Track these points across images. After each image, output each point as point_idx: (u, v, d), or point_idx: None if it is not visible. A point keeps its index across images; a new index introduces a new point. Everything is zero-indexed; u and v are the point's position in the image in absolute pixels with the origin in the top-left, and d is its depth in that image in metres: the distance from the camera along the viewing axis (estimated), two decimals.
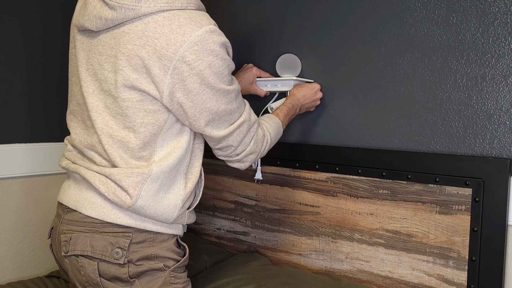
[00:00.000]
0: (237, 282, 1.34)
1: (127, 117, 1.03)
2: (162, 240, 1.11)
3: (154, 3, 0.97)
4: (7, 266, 1.55)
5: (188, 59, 0.96)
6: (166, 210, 1.08)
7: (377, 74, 1.39)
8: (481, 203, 1.21)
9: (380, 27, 1.38)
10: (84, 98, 1.07)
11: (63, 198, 1.14)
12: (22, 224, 1.58)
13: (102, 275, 1.07)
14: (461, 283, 1.25)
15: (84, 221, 1.08)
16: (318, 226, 1.50)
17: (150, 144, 1.05)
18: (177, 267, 1.12)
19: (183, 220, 1.14)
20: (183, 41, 0.96)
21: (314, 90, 1.44)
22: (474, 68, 1.24)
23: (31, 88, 1.58)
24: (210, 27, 0.99)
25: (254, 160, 1.19)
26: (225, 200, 1.72)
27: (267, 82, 1.50)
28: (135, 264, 1.07)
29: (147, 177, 1.04)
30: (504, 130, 1.21)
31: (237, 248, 1.69)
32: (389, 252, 1.36)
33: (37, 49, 1.59)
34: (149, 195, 1.05)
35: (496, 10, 1.20)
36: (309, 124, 1.55)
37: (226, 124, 1.08)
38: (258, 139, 1.16)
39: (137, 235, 1.08)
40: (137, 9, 0.97)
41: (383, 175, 1.36)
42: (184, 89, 0.99)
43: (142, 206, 1.05)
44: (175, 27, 0.96)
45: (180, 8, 0.99)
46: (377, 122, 1.40)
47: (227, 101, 1.05)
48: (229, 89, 1.04)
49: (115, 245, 1.06)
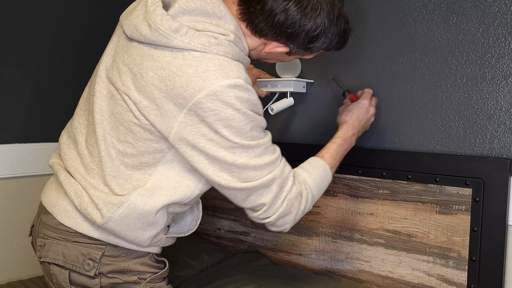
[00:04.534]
0: (237, 282, 1.34)
1: (130, 133, 0.99)
2: (136, 256, 1.06)
3: (189, 40, 0.92)
4: (6, 266, 1.55)
5: (204, 106, 0.91)
6: (140, 238, 1.03)
7: (377, 74, 1.40)
8: (481, 203, 1.21)
9: (380, 27, 1.38)
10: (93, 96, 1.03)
11: (43, 197, 1.11)
12: (22, 224, 1.58)
13: (73, 284, 1.04)
14: (461, 283, 1.25)
15: (58, 228, 1.04)
16: (318, 226, 1.50)
17: (148, 165, 1.00)
18: (154, 278, 1.07)
19: (158, 244, 1.08)
20: (203, 87, 0.90)
21: (365, 108, 1.25)
22: (474, 68, 1.24)
23: (21, 88, 1.58)
24: (237, 81, 0.92)
25: (293, 221, 1.06)
26: (226, 200, 1.72)
27: (267, 82, 1.50)
28: (107, 276, 1.04)
29: (126, 203, 0.99)
30: (504, 130, 1.21)
31: (237, 248, 1.69)
32: (389, 252, 1.36)
33: (37, 49, 1.59)
34: (122, 221, 0.99)
35: (496, 10, 1.20)
36: (309, 124, 1.55)
37: (247, 178, 0.98)
38: (292, 198, 1.03)
39: (110, 248, 1.04)
40: (170, 39, 0.92)
41: (383, 175, 1.36)
42: (196, 133, 0.94)
43: (113, 228, 1.00)
44: (200, 70, 0.91)
45: (215, 53, 0.93)
46: (377, 122, 1.40)
47: (247, 156, 0.96)
48: (250, 144, 0.96)
49: (87, 256, 1.03)
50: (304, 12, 0.97)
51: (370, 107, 1.26)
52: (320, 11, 0.98)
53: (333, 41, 1.04)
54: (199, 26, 0.95)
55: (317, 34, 1.00)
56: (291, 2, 0.95)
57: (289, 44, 1.02)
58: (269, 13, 0.97)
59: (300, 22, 0.97)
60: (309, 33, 1.00)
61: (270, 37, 1.01)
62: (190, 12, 0.95)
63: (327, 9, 0.99)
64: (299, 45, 1.03)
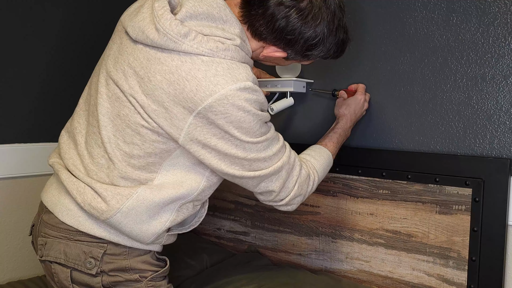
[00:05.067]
0: (237, 282, 1.34)
1: (138, 135, 0.99)
2: (137, 254, 1.07)
3: (197, 45, 0.93)
4: (6, 266, 1.55)
5: (215, 110, 0.93)
6: (144, 233, 1.04)
7: (377, 74, 1.40)
8: (481, 203, 1.21)
9: (380, 27, 1.38)
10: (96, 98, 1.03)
11: (43, 196, 1.11)
12: (22, 224, 1.58)
13: (75, 282, 1.05)
14: (461, 283, 1.25)
15: (60, 227, 1.05)
16: (318, 226, 1.50)
17: (154, 164, 1.02)
18: (155, 277, 1.08)
19: (160, 242, 1.09)
20: (213, 92, 0.92)
21: (360, 103, 1.35)
22: (474, 68, 1.24)
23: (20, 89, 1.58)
24: (246, 83, 0.95)
25: (301, 201, 1.15)
26: (225, 200, 1.72)
27: (267, 82, 1.50)
28: (109, 274, 1.05)
29: (135, 194, 1.01)
30: (504, 130, 1.21)
31: (237, 248, 1.69)
32: (389, 252, 1.36)
33: (37, 49, 1.59)
34: (130, 214, 1.01)
35: (496, 10, 1.20)
36: (309, 125, 1.55)
37: (257, 168, 1.03)
38: (303, 181, 1.11)
39: (112, 247, 1.05)
40: (178, 44, 0.93)
41: (383, 175, 1.36)
42: (207, 133, 0.96)
43: (119, 222, 1.01)
44: (210, 75, 0.93)
45: (222, 57, 0.95)
46: (377, 122, 1.40)
47: (257, 150, 1.00)
48: (259, 140, 1.00)
49: (88, 254, 1.04)
50: (305, 20, 0.99)
51: (365, 102, 1.37)
52: (320, 21, 1.00)
53: (330, 50, 1.07)
54: (206, 31, 0.96)
55: (316, 43, 1.03)
56: (293, 10, 0.97)
57: (287, 49, 1.05)
58: (270, 18, 0.98)
59: (300, 30, 1.00)
60: (308, 41, 1.02)
61: (269, 41, 1.03)
62: (197, 17, 0.97)
63: (327, 19, 1.01)
64: (297, 52, 1.05)
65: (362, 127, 1.43)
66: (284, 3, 0.97)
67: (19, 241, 1.58)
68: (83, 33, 1.71)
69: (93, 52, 1.40)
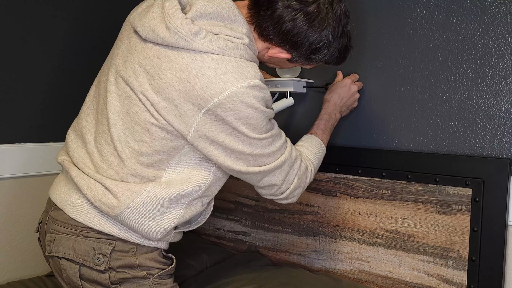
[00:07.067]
0: (237, 282, 1.34)
1: (147, 133, 1.01)
2: (145, 251, 1.09)
3: (208, 43, 0.95)
4: (6, 265, 1.55)
5: (225, 107, 0.95)
6: (153, 229, 1.06)
7: (377, 74, 1.40)
8: (481, 203, 1.21)
9: (380, 27, 1.38)
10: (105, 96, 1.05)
11: (52, 193, 1.13)
12: (22, 224, 1.58)
13: (83, 278, 1.06)
14: (461, 283, 1.25)
15: (69, 223, 1.07)
16: (318, 226, 1.50)
17: (162, 161, 1.04)
18: (162, 274, 1.10)
19: (167, 239, 1.12)
20: (223, 89, 0.95)
21: (347, 86, 1.36)
22: (474, 68, 1.24)
23: (25, 89, 1.58)
24: (254, 81, 0.97)
25: (301, 192, 1.18)
26: (225, 200, 1.73)
27: (267, 82, 1.49)
28: (117, 271, 1.06)
29: (145, 190, 1.03)
30: (504, 130, 1.21)
31: (237, 248, 1.69)
32: (389, 252, 1.36)
33: (42, 49, 1.59)
34: (140, 209, 1.03)
35: (496, 10, 1.20)
36: (309, 125, 1.54)
37: (261, 163, 1.06)
38: (302, 173, 1.15)
39: (120, 243, 1.06)
40: (189, 42, 0.95)
41: (383, 175, 1.36)
42: (215, 129, 0.98)
43: (130, 217, 1.03)
44: (220, 73, 0.95)
45: (232, 56, 0.97)
46: (377, 122, 1.40)
47: (262, 146, 1.03)
48: (265, 136, 1.03)
49: (97, 250, 1.05)
50: (312, 24, 1.01)
51: (352, 85, 1.36)
52: (326, 25, 1.03)
53: (333, 56, 1.10)
54: (216, 30, 0.99)
55: (320, 47, 1.06)
56: (301, 13, 1.00)
57: (292, 52, 1.07)
58: (277, 19, 1.01)
59: (306, 33, 1.02)
60: (312, 45, 1.05)
61: (275, 43, 1.06)
62: (207, 16, 0.99)
63: (333, 24, 1.04)
64: (301, 55, 1.08)
65: (362, 127, 1.43)
66: (292, 6, 0.99)
67: (20, 241, 1.58)
68: (89, 34, 1.71)
69: (98, 53, 1.40)
